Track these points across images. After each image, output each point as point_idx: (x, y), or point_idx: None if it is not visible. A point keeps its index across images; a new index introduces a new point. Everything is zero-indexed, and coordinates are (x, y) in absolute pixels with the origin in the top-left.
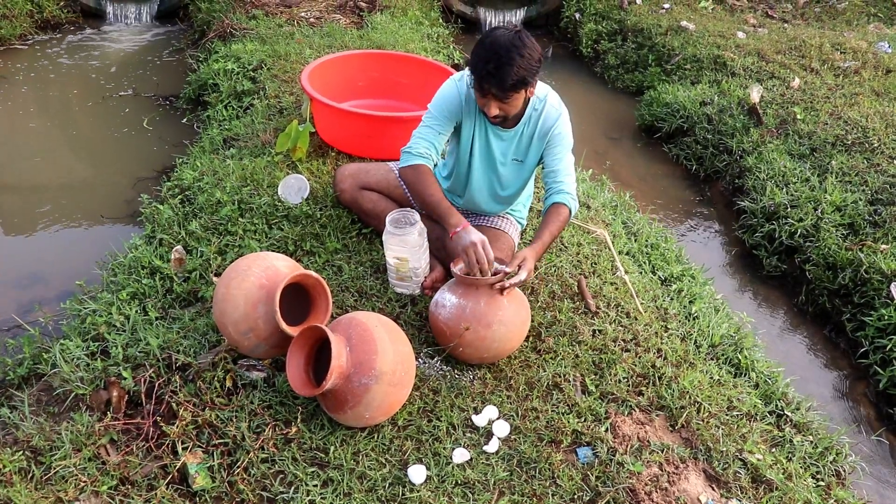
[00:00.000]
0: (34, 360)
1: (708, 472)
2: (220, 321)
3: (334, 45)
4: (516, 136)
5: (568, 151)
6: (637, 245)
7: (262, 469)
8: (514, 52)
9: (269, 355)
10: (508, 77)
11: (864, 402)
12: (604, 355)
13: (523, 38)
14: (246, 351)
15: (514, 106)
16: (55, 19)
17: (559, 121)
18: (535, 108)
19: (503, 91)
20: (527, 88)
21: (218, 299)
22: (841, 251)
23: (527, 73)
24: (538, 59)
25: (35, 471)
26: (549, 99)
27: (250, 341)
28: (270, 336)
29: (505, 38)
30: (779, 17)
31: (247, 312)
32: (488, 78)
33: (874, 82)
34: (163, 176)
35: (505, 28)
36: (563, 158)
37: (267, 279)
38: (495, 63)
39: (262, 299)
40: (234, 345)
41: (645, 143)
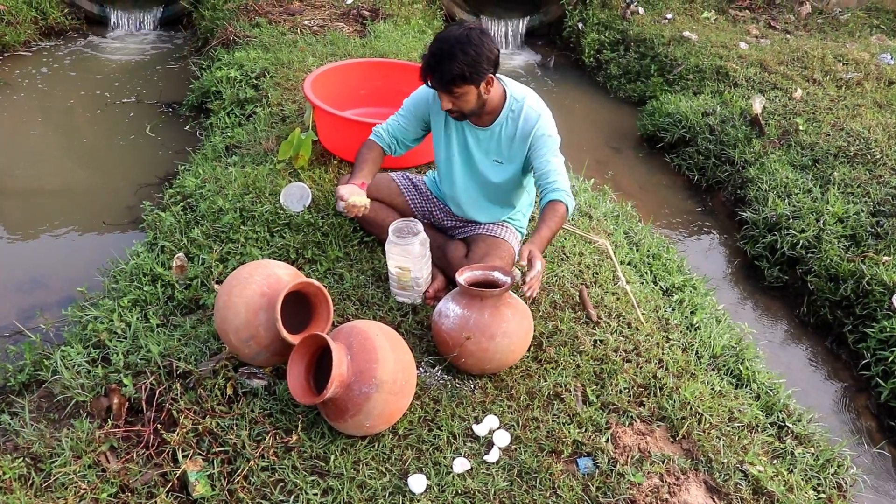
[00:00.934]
0: (35, 366)
1: (709, 483)
2: (221, 329)
3: (337, 53)
4: (493, 135)
5: (554, 151)
6: (639, 255)
7: (263, 477)
8: (458, 47)
9: (270, 363)
10: (447, 72)
11: (865, 415)
12: (605, 365)
13: (472, 35)
14: (247, 359)
15: (465, 101)
16: (59, 26)
17: (539, 122)
18: (512, 109)
19: (442, 84)
20: (475, 85)
21: (219, 307)
22: (843, 262)
23: (470, 69)
24: (488, 58)
25: (35, 478)
26: (527, 101)
27: (251, 349)
28: (271, 343)
29: (453, 34)
30: (781, 28)
31: (248, 320)
32: (429, 70)
33: (876, 94)
34: (165, 183)
35: (459, 25)
36: (550, 160)
37: (268, 287)
38: (437, 57)
39: (263, 307)
40: (236, 352)
41: (647, 153)
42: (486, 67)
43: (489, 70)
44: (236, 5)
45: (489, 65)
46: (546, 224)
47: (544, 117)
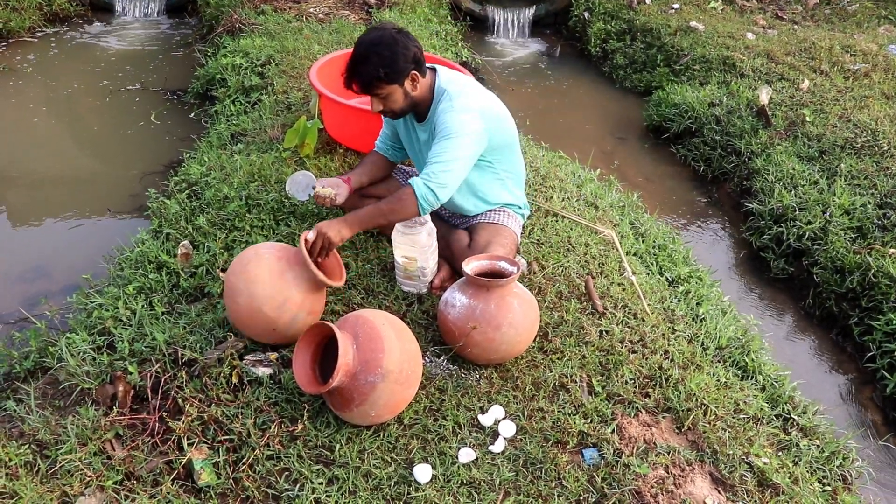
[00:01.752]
0: (40, 353)
1: (714, 475)
2: (249, 308)
3: (343, 41)
4: (428, 129)
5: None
6: (644, 246)
7: (268, 466)
8: (372, 50)
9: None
10: (365, 75)
11: (870, 407)
12: (610, 356)
13: (385, 36)
14: (283, 328)
15: (393, 101)
16: (64, 12)
17: (446, 114)
18: (437, 102)
19: (364, 88)
20: (398, 84)
21: (241, 287)
22: (849, 254)
23: (386, 70)
24: (405, 56)
25: (41, 464)
26: (447, 91)
27: (289, 312)
28: (304, 300)
29: (367, 38)
30: (788, 18)
31: (277, 285)
32: (351, 76)
33: (884, 85)
34: (170, 170)
35: (378, 28)
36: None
37: (279, 252)
38: (354, 63)
39: (285, 267)
40: (270, 328)
41: (653, 144)
42: (403, 65)
43: (409, 67)
44: None
45: (407, 62)
46: (378, 203)
47: (454, 109)
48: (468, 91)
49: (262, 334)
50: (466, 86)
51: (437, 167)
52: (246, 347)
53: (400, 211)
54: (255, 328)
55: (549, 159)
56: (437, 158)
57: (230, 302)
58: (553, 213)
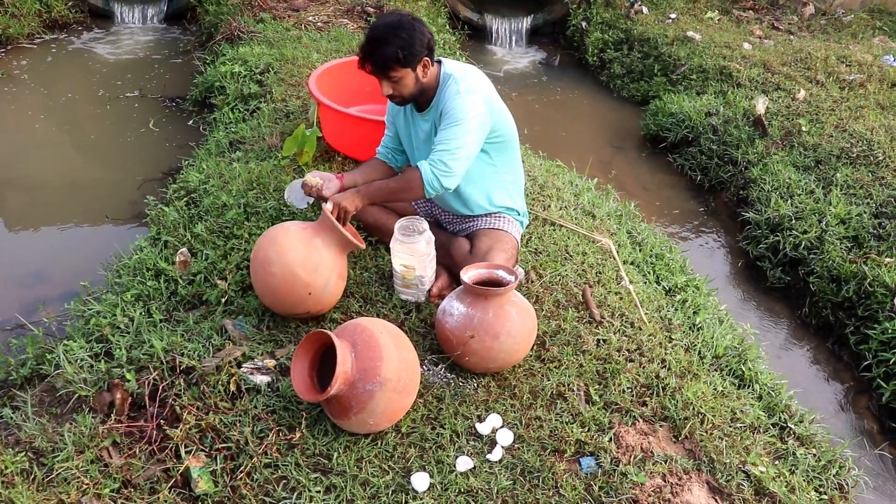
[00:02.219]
0: (37, 360)
1: (711, 483)
2: (284, 274)
3: (342, 49)
4: (432, 116)
5: (452, 127)
6: (642, 255)
7: (265, 474)
8: (391, 32)
9: (335, 297)
10: (381, 55)
11: (867, 416)
12: (608, 365)
13: (403, 20)
14: (318, 292)
15: (404, 85)
16: (63, 19)
17: (452, 99)
18: (443, 88)
19: (379, 69)
20: (411, 68)
21: (273, 259)
22: (845, 264)
23: (404, 52)
24: (421, 41)
25: (37, 472)
26: (453, 76)
27: (322, 276)
28: (335, 263)
29: (386, 21)
30: (784, 28)
31: (308, 250)
32: (366, 57)
33: (879, 95)
34: (168, 178)
35: (393, 12)
36: (441, 131)
37: (304, 224)
38: (371, 43)
39: (313, 234)
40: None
41: (650, 153)
42: (419, 50)
43: (423, 52)
44: (241, 0)
45: (423, 47)
46: (388, 181)
47: (462, 95)
48: (473, 76)
49: (297, 302)
50: (471, 71)
51: (444, 154)
52: (244, 355)
53: (407, 191)
54: (291, 296)
55: (547, 168)
56: (445, 145)
57: (264, 275)
58: (551, 221)
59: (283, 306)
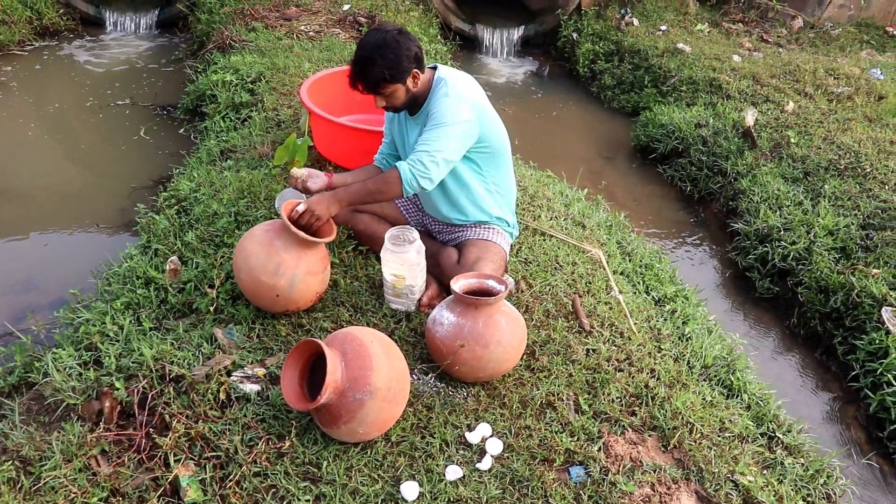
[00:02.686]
0: (26, 368)
1: (700, 493)
2: (249, 280)
3: (333, 59)
4: (421, 121)
5: (436, 128)
6: (631, 265)
7: (255, 483)
8: (376, 52)
9: (310, 291)
10: (371, 76)
11: (854, 426)
12: (597, 375)
13: (388, 38)
14: (285, 292)
15: (396, 98)
16: (54, 26)
17: (440, 101)
18: (434, 92)
19: (370, 89)
20: (401, 83)
21: (240, 265)
22: (833, 275)
23: (389, 70)
24: (407, 57)
25: (24, 481)
26: (445, 80)
27: (285, 276)
28: (298, 261)
29: (371, 40)
30: (773, 41)
31: (267, 253)
32: (356, 77)
33: (867, 108)
34: (159, 186)
35: (378, 29)
36: (424, 132)
37: (269, 226)
38: (359, 64)
39: (273, 237)
40: (273, 294)
41: (640, 164)
42: (406, 65)
43: (411, 66)
44: (233, 9)
45: (410, 63)
46: (365, 182)
47: (449, 98)
48: (464, 82)
49: (271, 303)
50: (463, 77)
51: (424, 155)
52: (234, 364)
53: (386, 192)
54: (262, 298)
55: (538, 179)
56: (426, 147)
57: (238, 281)
58: (541, 232)
59: (261, 306)
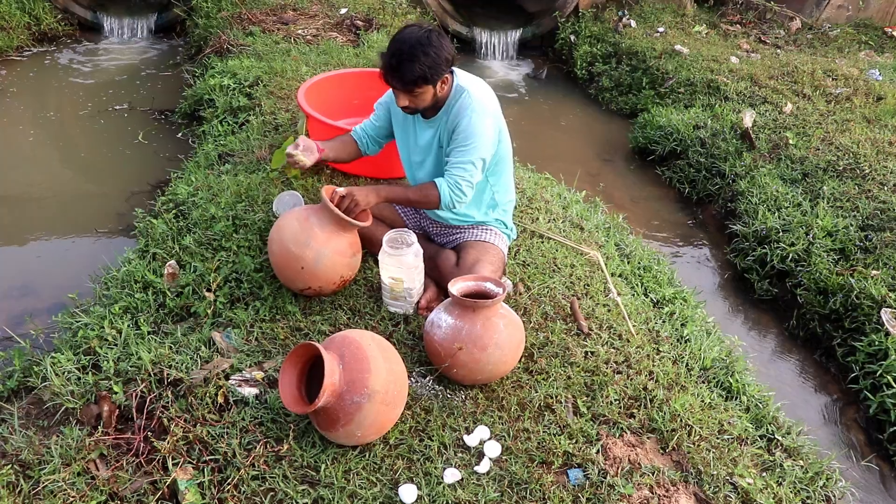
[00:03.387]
0: (24, 372)
1: (699, 495)
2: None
3: (331, 62)
4: (438, 125)
5: (468, 149)
6: (630, 267)
7: (253, 486)
8: (419, 49)
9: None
10: (409, 73)
11: (854, 428)
12: (596, 377)
13: (431, 37)
14: (311, 265)
15: (422, 99)
16: (52, 32)
17: (468, 117)
18: (455, 99)
19: (404, 85)
20: (433, 85)
21: (274, 238)
22: (832, 276)
23: (429, 70)
24: (445, 59)
25: (23, 485)
26: (468, 91)
27: (313, 249)
28: (328, 239)
29: (412, 36)
30: (771, 42)
31: (301, 227)
32: (391, 72)
33: (865, 109)
34: (157, 190)
35: (417, 26)
36: (456, 151)
37: (309, 207)
38: (398, 58)
39: (310, 214)
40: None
41: (638, 166)
42: (443, 68)
43: (446, 70)
44: (230, 14)
45: (446, 65)
46: (408, 190)
47: (476, 114)
48: (485, 94)
49: (294, 275)
50: (483, 87)
51: (462, 182)
52: (232, 367)
53: (423, 204)
54: (287, 268)
55: (535, 181)
56: (462, 172)
57: (270, 254)
58: (539, 234)
59: (287, 279)
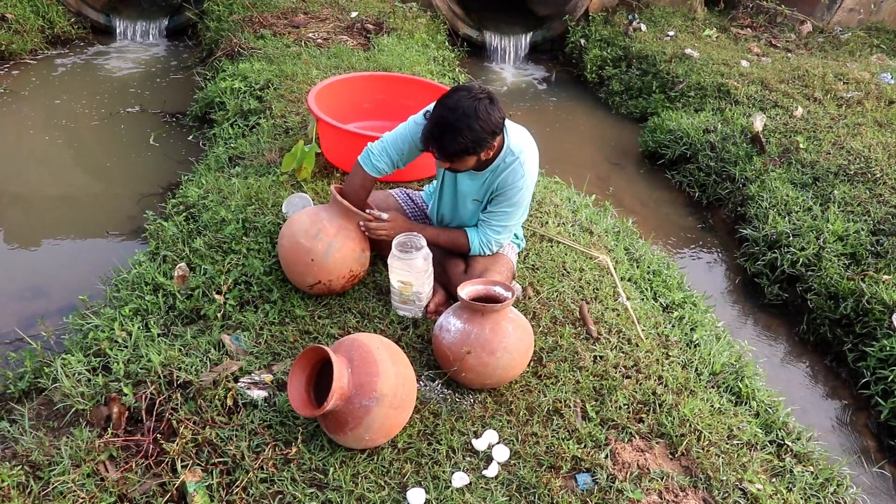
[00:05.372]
0: (35, 374)
1: (708, 501)
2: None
3: (341, 66)
4: (481, 180)
5: (509, 215)
6: (639, 271)
7: (261, 489)
8: (464, 122)
9: (345, 265)
10: (450, 145)
11: (865, 434)
12: (604, 381)
13: (479, 108)
14: (320, 258)
15: (463, 165)
16: (65, 35)
17: (515, 188)
18: (506, 162)
19: (444, 157)
20: (476, 156)
21: (284, 233)
22: (843, 281)
23: (472, 144)
24: (490, 132)
25: (33, 486)
26: (520, 159)
27: (323, 241)
28: (338, 231)
29: (459, 105)
30: (782, 46)
31: (311, 220)
32: (433, 141)
33: (877, 113)
34: (168, 192)
35: (467, 91)
36: (496, 214)
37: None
38: (441, 129)
39: (320, 209)
40: (308, 259)
41: (648, 170)
42: (489, 141)
43: (492, 140)
44: (241, 17)
45: (492, 135)
46: (443, 230)
47: (526, 185)
48: (533, 156)
49: (305, 269)
50: (532, 149)
51: (494, 240)
52: (241, 370)
53: (452, 249)
54: (297, 263)
55: (545, 185)
56: (498, 232)
57: (279, 249)
58: (548, 238)
59: (296, 275)
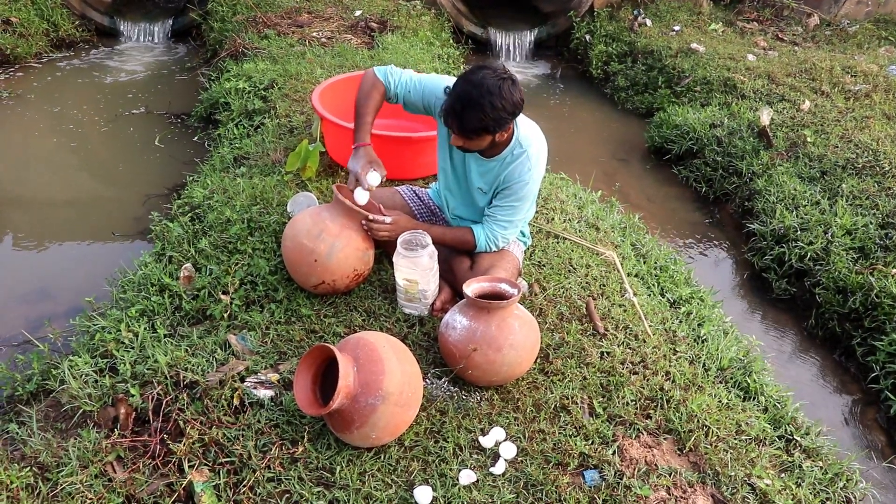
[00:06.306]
0: (43, 375)
1: (716, 496)
2: (293, 244)
3: (345, 64)
4: (488, 169)
5: (515, 209)
6: (646, 267)
7: (268, 488)
8: (487, 99)
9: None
10: (471, 122)
11: (875, 428)
12: (612, 377)
13: (503, 87)
14: (324, 258)
15: (477, 145)
16: (70, 38)
17: (521, 182)
18: (514, 154)
19: (463, 132)
20: (493, 135)
21: (287, 234)
22: (851, 275)
23: (492, 123)
24: (511, 112)
25: (42, 487)
26: (528, 152)
27: (326, 242)
28: (341, 232)
29: (486, 83)
30: (789, 39)
31: (314, 221)
32: (453, 116)
33: (885, 105)
34: (173, 193)
35: (492, 70)
36: (503, 207)
37: (322, 205)
38: (462, 104)
39: (323, 209)
40: (312, 259)
41: (654, 165)
42: (508, 120)
43: (510, 120)
44: (245, 17)
45: (511, 115)
46: (448, 229)
47: (531, 185)
48: (541, 150)
49: (309, 270)
50: (540, 141)
51: (500, 235)
52: (248, 369)
53: (458, 247)
54: (300, 263)
55: (551, 181)
56: (504, 226)
57: (283, 250)
58: (554, 234)
59: (300, 275)
